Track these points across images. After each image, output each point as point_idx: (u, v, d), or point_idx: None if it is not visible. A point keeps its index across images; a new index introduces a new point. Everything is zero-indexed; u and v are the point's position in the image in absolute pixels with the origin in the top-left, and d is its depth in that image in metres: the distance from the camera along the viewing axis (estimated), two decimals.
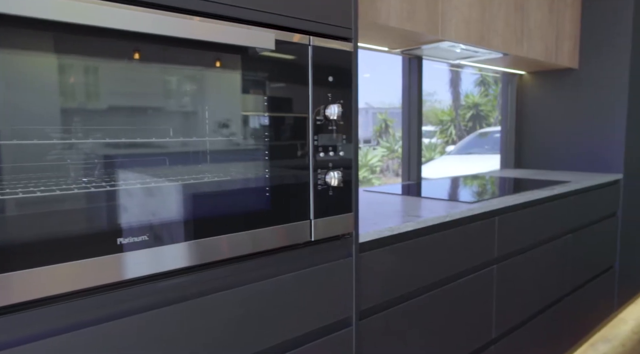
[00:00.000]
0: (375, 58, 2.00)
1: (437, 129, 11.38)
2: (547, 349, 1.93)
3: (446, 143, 10.82)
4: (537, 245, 1.80)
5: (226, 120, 0.83)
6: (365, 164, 9.08)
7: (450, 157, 6.67)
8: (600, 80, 2.48)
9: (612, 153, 2.46)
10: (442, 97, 11.72)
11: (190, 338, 0.81)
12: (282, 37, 0.88)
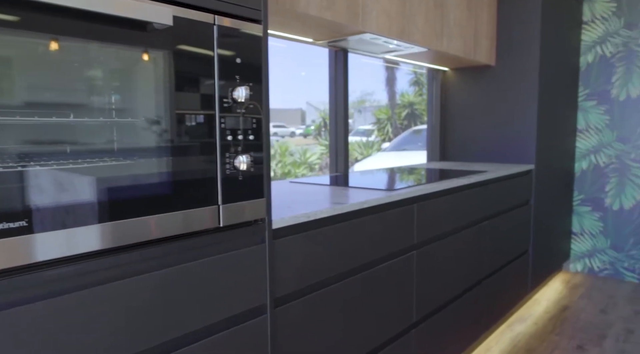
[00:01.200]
0: (316, 57, 2.02)
1: (375, 127, 11.64)
2: (467, 331, 2.02)
3: (383, 141, 11.11)
4: (455, 231, 1.88)
5: (126, 99, 0.78)
6: (304, 161, 9.10)
7: (386, 154, 6.84)
8: (514, 77, 2.64)
9: (525, 145, 2.62)
10: (381, 97, 12.02)
11: (89, 330, 0.75)
12: (181, 13, 0.84)
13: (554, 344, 2.26)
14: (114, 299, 0.79)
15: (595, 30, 3.14)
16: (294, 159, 8.97)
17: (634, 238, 3.11)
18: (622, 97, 3.08)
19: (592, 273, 3.29)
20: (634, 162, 3.08)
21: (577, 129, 3.27)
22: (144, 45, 0.80)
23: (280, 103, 11.21)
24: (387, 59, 2.44)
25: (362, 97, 11.74)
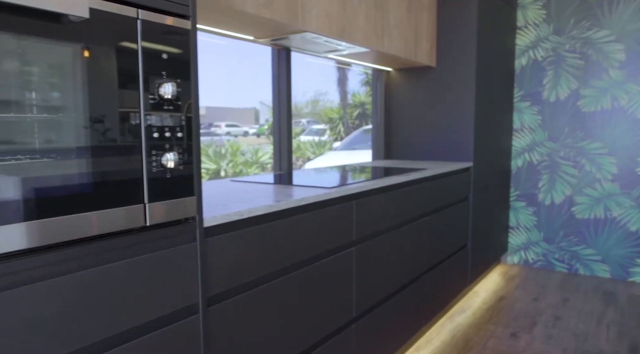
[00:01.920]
0: (268, 55, 2.00)
1: (328, 127, 11.73)
2: (408, 323, 2.08)
3: (335, 140, 11.21)
4: (395, 227, 1.93)
5: (45, 95, 0.75)
6: (255, 161, 9.03)
7: (337, 153, 6.92)
8: (454, 79, 2.74)
9: (464, 144, 2.73)
10: (334, 97, 12.12)
11: (2, 335, 0.72)
12: (99, 5, 0.82)
13: (490, 333, 2.37)
14: (29, 303, 0.76)
15: (528, 35, 3.32)
16: (246, 158, 8.88)
17: (564, 231, 3.31)
18: (552, 99, 3.28)
19: (527, 265, 3.48)
20: (562, 160, 3.28)
21: (513, 129, 3.44)
22: (60, 38, 0.77)
23: (233, 102, 11.04)
24: (331, 59, 2.46)
25: (316, 97, 11.79)
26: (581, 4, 3.12)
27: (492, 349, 2.19)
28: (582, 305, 2.72)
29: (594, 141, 3.16)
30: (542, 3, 3.25)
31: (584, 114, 3.18)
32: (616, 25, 3.03)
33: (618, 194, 3.11)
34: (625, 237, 3.12)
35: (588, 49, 3.13)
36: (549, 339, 2.29)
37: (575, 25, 3.16)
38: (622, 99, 3.05)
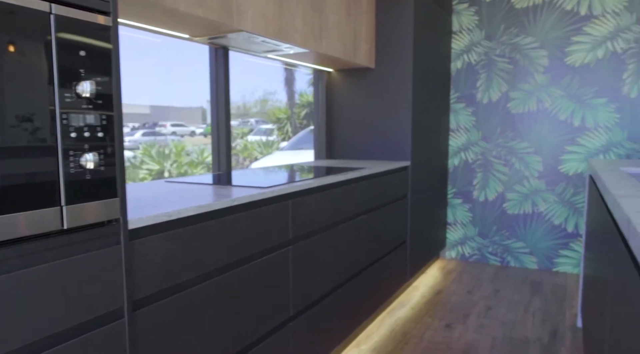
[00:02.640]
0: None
1: (275, 126, 11.71)
2: (348, 320, 2.12)
3: (283, 140, 11.20)
4: (333, 225, 1.97)
5: None
6: (201, 161, 8.85)
7: (283, 153, 6.91)
8: (392, 80, 2.83)
9: (402, 143, 2.82)
10: (283, 96, 12.13)
11: None
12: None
13: (427, 325, 2.46)
14: None
15: (463, 39, 3.48)
16: (192, 158, 8.69)
17: (496, 226, 3.50)
18: (485, 101, 3.45)
19: (464, 259, 3.64)
20: (495, 158, 3.46)
21: (450, 129, 3.60)
22: None
23: (180, 101, 10.79)
24: (271, 59, 2.46)
25: (265, 96, 11.75)
26: (509, 11, 3.31)
27: (429, 341, 2.28)
28: (511, 295, 2.89)
29: (522, 141, 3.36)
30: (475, 10, 3.42)
31: (513, 115, 3.38)
32: (540, 33, 3.24)
33: (544, 190, 3.33)
34: (550, 230, 3.34)
35: (516, 54, 3.33)
36: (480, 328, 2.42)
37: (505, 32, 3.34)
38: (546, 101, 3.26)
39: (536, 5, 3.23)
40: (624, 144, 3.08)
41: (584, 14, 3.10)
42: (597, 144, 3.16)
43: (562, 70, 3.20)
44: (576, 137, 3.21)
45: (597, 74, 3.11)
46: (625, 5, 2.99)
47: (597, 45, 3.09)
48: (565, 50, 3.18)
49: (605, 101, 3.10)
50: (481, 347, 2.22)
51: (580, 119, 3.18)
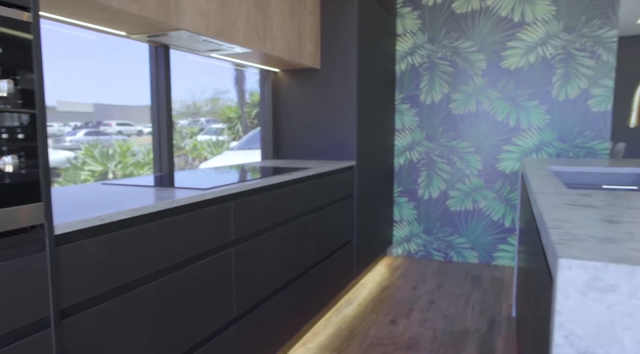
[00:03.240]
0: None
1: (226, 126, 11.54)
2: (294, 319, 2.14)
3: (234, 140, 11.06)
4: (277, 225, 1.97)
5: None
6: (148, 162, 8.57)
7: (233, 153, 6.83)
8: (337, 81, 2.87)
9: (348, 143, 2.87)
10: (234, 95, 11.97)
11: None
12: None
13: (372, 321, 2.52)
14: None
15: (407, 42, 3.58)
16: (137, 159, 8.40)
17: (440, 223, 3.63)
18: (428, 102, 3.57)
19: (410, 255, 3.75)
20: (438, 157, 3.59)
21: (395, 129, 3.69)
22: None
23: (126, 99, 10.38)
24: (214, 58, 2.43)
25: (216, 95, 11.55)
26: (450, 16, 3.44)
27: (374, 337, 2.34)
28: (453, 289, 3.01)
29: (463, 141, 3.51)
30: (418, 13, 3.53)
31: (454, 116, 3.51)
32: (478, 38, 3.39)
33: (483, 187, 3.49)
34: (489, 226, 3.51)
35: (456, 58, 3.46)
36: (423, 322, 2.50)
37: (446, 36, 3.47)
38: (484, 103, 3.42)
39: (474, 11, 3.38)
40: (554, 144, 3.29)
41: (517, 20, 3.28)
42: (530, 144, 3.34)
43: (498, 74, 3.37)
44: (512, 137, 3.38)
45: (529, 78, 3.30)
46: (553, 14, 3.19)
47: (529, 50, 3.27)
48: (501, 54, 3.35)
49: (537, 103, 3.29)
50: (423, 340, 2.30)
51: (515, 120, 3.36)
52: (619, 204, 0.97)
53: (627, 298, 0.56)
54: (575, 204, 0.97)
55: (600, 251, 0.61)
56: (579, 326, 0.58)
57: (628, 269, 0.55)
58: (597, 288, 0.57)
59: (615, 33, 3.07)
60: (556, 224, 0.78)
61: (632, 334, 0.56)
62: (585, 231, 0.73)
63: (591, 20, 3.11)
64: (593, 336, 0.58)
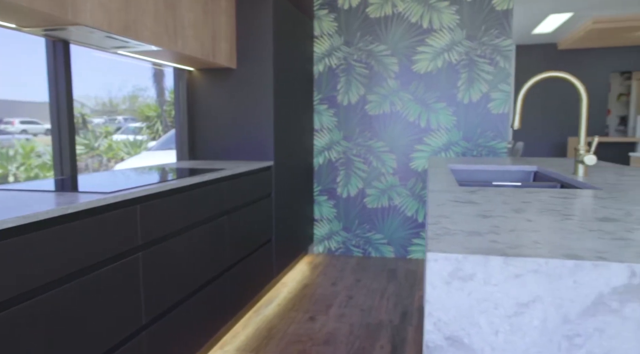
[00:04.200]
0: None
1: (145, 125, 11.01)
2: (211, 321, 2.11)
3: (153, 139, 10.59)
4: (191, 227, 1.93)
5: None
6: None
7: (151, 153, 6.55)
8: (254, 81, 2.86)
9: (265, 144, 2.88)
10: (154, 93, 11.40)
11: None
12: None
13: (291, 319, 2.55)
14: None
15: (324, 44, 3.65)
16: (44, 160, 7.75)
17: (358, 220, 3.75)
18: (345, 103, 3.67)
19: (330, 253, 3.84)
20: (356, 157, 3.71)
21: (314, 129, 3.75)
22: None
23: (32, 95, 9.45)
24: (122, 55, 2.32)
25: (135, 92, 10.94)
26: (365, 20, 3.57)
27: (292, 334, 2.37)
28: (370, 283, 3.13)
29: (379, 140, 3.65)
30: (334, 16, 3.61)
31: (370, 116, 3.65)
32: (391, 42, 3.54)
33: (398, 185, 3.66)
34: (404, 221, 3.69)
35: (372, 60, 3.60)
36: (341, 317, 2.58)
37: (361, 39, 3.59)
38: (397, 104, 3.59)
39: (387, 16, 3.53)
40: (460, 143, 3.53)
41: (426, 27, 3.48)
42: (439, 143, 3.56)
43: (410, 77, 3.55)
44: (423, 137, 3.58)
45: (438, 81, 3.51)
46: (457, 23, 3.42)
47: (437, 55, 3.49)
48: (412, 58, 3.53)
49: (444, 105, 3.52)
50: (340, 335, 2.37)
51: (425, 121, 3.56)
52: (496, 200, 1.08)
53: (482, 285, 0.63)
54: (458, 201, 1.06)
55: (465, 244, 0.68)
56: (445, 313, 0.64)
57: (483, 259, 0.62)
58: (458, 277, 0.63)
59: (510, 42, 3.36)
60: (436, 220, 0.85)
61: (486, 317, 0.63)
62: (458, 226, 0.80)
63: (489, 30, 3.38)
64: (456, 321, 0.64)
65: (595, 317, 0.60)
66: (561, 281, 0.61)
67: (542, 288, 0.61)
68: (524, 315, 0.62)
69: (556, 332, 0.62)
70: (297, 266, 3.52)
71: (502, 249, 0.65)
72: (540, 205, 1.01)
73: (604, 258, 0.61)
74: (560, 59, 7.50)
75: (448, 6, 3.42)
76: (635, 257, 0.61)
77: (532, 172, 2.08)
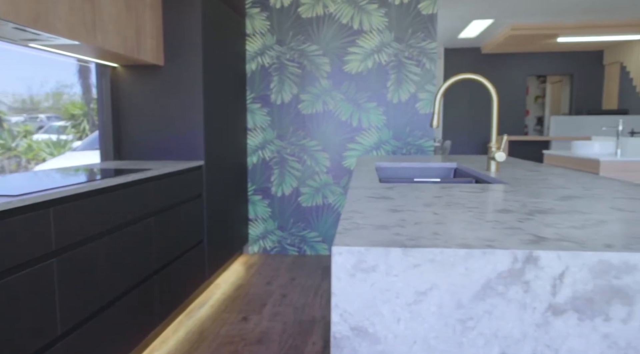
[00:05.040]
0: None
1: (70, 124, 10.37)
2: (138, 328, 2.03)
3: (79, 139, 10.01)
4: (113, 230, 1.85)
5: None
6: None
7: (76, 154, 6.18)
8: (182, 79, 2.79)
9: (196, 143, 2.81)
10: (80, 90, 10.74)
11: None
12: None
13: (224, 321, 2.52)
14: None
15: (256, 42, 3.63)
16: None
17: (293, 219, 3.77)
18: (279, 102, 3.67)
19: (266, 252, 3.83)
20: (289, 156, 3.72)
21: (247, 128, 3.72)
22: None
23: None
24: (34, 48, 2.17)
25: (60, 89, 10.25)
26: (297, 20, 3.59)
27: (224, 336, 2.34)
28: (305, 281, 3.16)
29: (312, 139, 3.69)
30: (266, 15, 3.60)
31: (303, 116, 3.68)
32: (323, 42, 3.59)
33: (331, 183, 3.72)
34: (338, 219, 3.75)
35: (304, 60, 3.63)
36: (274, 316, 2.58)
37: (293, 38, 3.61)
38: (330, 104, 3.64)
39: (319, 16, 3.57)
40: (390, 142, 3.65)
41: (356, 28, 3.56)
42: (371, 142, 3.66)
43: (341, 77, 3.62)
44: (355, 136, 3.66)
45: (368, 82, 3.60)
46: (386, 25, 3.53)
47: (367, 56, 3.58)
48: (344, 59, 3.60)
49: (375, 105, 3.62)
50: (273, 333, 2.37)
51: (357, 120, 3.64)
52: (410, 195, 1.13)
53: (384, 275, 0.66)
54: (374, 197, 1.11)
55: (370, 237, 0.71)
56: (350, 304, 0.67)
57: (384, 251, 0.65)
58: (361, 269, 0.66)
59: (435, 45, 3.52)
60: (349, 215, 0.88)
61: (389, 306, 0.66)
62: (368, 221, 0.83)
63: (416, 33, 3.52)
64: (361, 311, 0.67)
65: (484, 301, 0.65)
66: (454, 269, 0.65)
67: (438, 276, 0.66)
68: (422, 303, 0.66)
69: (451, 316, 0.66)
70: (232, 267, 3.48)
71: (403, 241, 0.69)
72: (449, 199, 1.08)
73: (491, 246, 0.66)
74: (484, 62, 7.96)
75: (377, 9, 3.52)
76: (519, 244, 0.67)
77: (452, 169, 2.20)
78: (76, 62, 10.49)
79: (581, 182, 1.39)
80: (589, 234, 0.73)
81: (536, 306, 0.65)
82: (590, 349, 0.65)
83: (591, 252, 0.64)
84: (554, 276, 0.64)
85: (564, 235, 0.73)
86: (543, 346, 0.65)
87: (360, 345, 0.67)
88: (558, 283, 0.64)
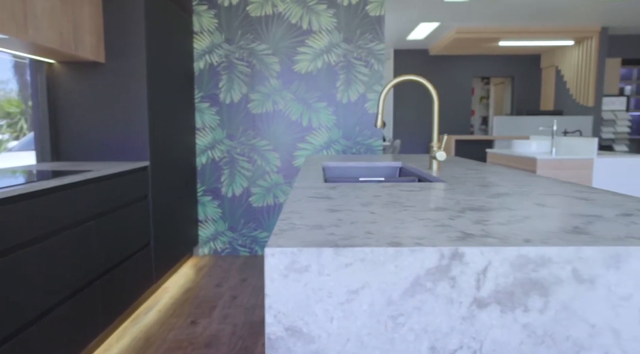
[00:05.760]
0: None
1: (5, 122, 9.76)
2: (78, 337, 1.94)
3: (16, 139, 9.44)
4: (48, 236, 1.76)
5: None
6: None
7: (12, 154, 5.82)
8: (125, 77, 2.69)
9: (140, 143, 2.72)
10: (16, 86, 10.12)
11: None
12: None
13: (171, 325, 2.46)
14: None
15: (204, 41, 3.56)
16: None
17: (244, 219, 3.74)
18: (228, 101, 3.62)
19: (217, 254, 3.77)
20: (240, 156, 3.68)
21: (196, 128, 3.65)
22: None
23: None
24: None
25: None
26: (245, 18, 3.55)
27: (172, 341, 2.28)
28: (256, 282, 3.13)
29: (263, 139, 3.67)
30: (214, 13, 3.54)
31: (253, 115, 3.64)
32: (272, 41, 3.58)
33: (282, 183, 3.71)
34: None
35: (253, 59, 3.60)
36: (224, 318, 2.55)
37: (242, 37, 3.57)
38: (280, 103, 3.64)
39: (268, 15, 3.55)
40: (340, 141, 3.69)
41: (305, 28, 3.57)
42: (321, 142, 3.69)
43: (291, 77, 3.61)
44: (305, 135, 3.67)
45: (318, 82, 3.62)
46: (335, 26, 3.57)
47: (316, 56, 3.60)
48: (293, 58, 3.60)
49: (325, 104, 3.65)
50: (223, 336, 2.34)
51: (307, 120, 3.66)
52: (351, 195, 1.15)
53: (317, 275, 0.67)
54: (316, 197, 1.12)
55: (303, 238, 0.72)
56: (283, 305, 0.67)
57: (316, 252, 0.66)
58: (294, 269, 0.67)
59: (383, 46, 3.59)
60: (287, 216, 0.89)
61: (322, 305, 0.67)
62: (305, 221, 0.84)
63: (364, 34, 3.57)
64: (295, 311, 0.67)
65: (413, 297, 0.68)
66: (384, 267, 0.67)
67: (369, 275, 0.67)
68: (354, 301, 0.67)
69: (382, 313, 0.68)
70: (181, 270, 3.40)
71: (336, 241, 0.70)
72: (388, 198, 1.10)
73: (420, 244, 0.68)
74: (432, 64, 8.21)
75: (326, 9, 3.55)
76: (446, 241, 0.70)
77: (397, 168, 2.25)
78: (11, 58, 9.88)
79: (514, 181, 1.46)
80: (512, 230, 0.77)
81: (462, 300, 0.68)
82: (512, 339, 0.68)
83: (511, 247, 0.67)
84: (477, 271, 0.67)
85: (489, 231, 0.76)
86: (469, 338, 0.68)
87: (294, 345, 0.68)
88: (482, 277, 0.68)
